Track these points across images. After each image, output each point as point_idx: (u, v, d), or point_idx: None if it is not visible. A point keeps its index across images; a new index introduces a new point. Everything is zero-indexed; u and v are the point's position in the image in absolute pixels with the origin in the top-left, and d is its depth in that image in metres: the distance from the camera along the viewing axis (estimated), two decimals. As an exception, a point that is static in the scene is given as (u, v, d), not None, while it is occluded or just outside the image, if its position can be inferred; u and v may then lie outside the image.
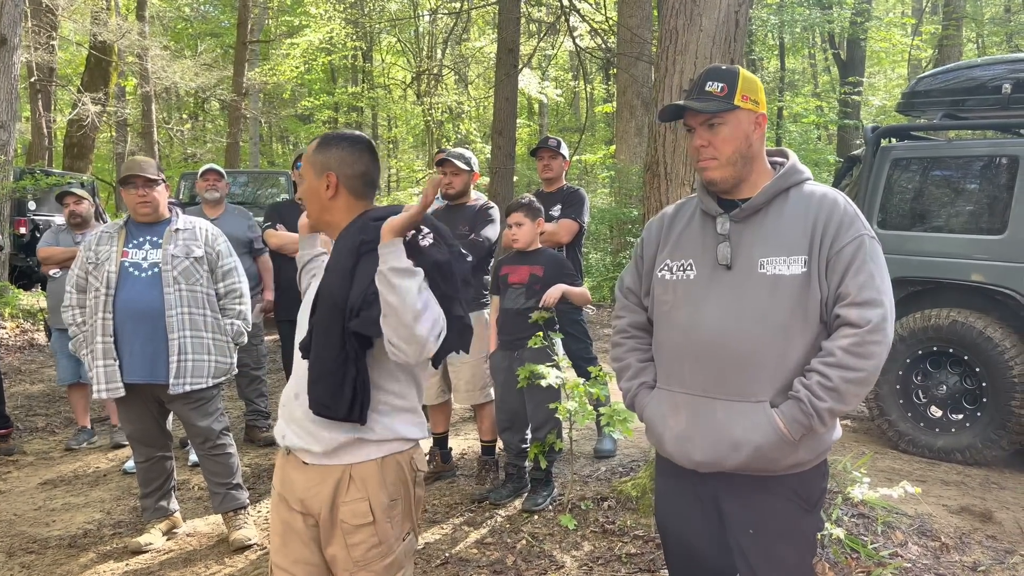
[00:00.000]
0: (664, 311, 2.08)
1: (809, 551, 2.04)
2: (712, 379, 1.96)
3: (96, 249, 3.66)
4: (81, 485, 4.81)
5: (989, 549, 3.51)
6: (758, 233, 1.96)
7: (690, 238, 2.07)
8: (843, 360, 1.83)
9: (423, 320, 1.86)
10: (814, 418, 1.85)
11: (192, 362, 3.64)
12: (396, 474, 2.07)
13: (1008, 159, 4.86)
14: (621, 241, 12.55)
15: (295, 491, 2.10)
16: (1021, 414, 4.61)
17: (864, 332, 1.83)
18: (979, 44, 21.62)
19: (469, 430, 5.54)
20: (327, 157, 2.12)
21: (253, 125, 21.79)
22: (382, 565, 2.07)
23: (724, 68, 2.03)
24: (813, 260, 1.89)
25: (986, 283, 4.78)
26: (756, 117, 2.00)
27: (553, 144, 4.89)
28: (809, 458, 1.96)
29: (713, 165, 1.99)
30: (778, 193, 1.99)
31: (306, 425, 2.05)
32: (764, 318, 1.90)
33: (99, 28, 14.31)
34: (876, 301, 1.85)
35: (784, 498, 1.97)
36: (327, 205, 2.12)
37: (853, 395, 1.86)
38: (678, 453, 2.04)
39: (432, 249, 1.97)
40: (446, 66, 20.57)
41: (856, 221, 1.92)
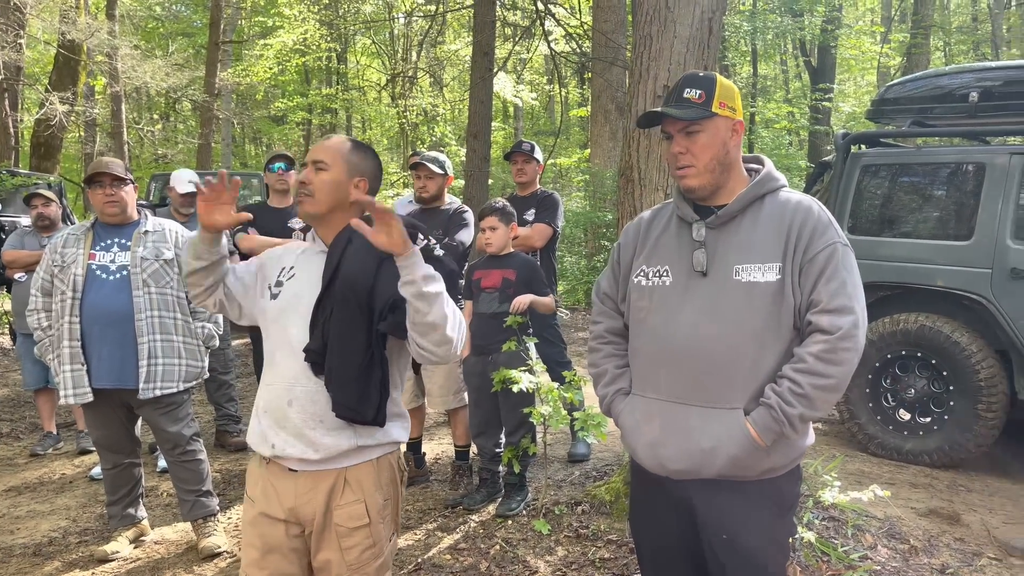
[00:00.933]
0: (640, 317, 2.08)
1: (783, 555, 2.05)
2: (686, 386, 1.96)
3: (62, 251, 3.59)
4: (47, 492, 4.72)
5: (957, 551, 3.56)
6: (733, 240, 1.97)
7: (666, 244, 2.08)
8: (814, 366, 1.85)
9: (451, 323, 1.92)
10: (785, 424, 1.86)
11: (162, 366, 3.59)
12: (389, 474, 2.12)
13: (975, 166, 4.94)
14: (595, 245, 12.58)
15: (283, 501, 2.07)
16: (987, 417, 4.68)
17: (835, 339, 1.84)
18: (946, 52, 22.01)
19: (443, 435, 5.52)
20: (365, 163, 2.17)
21: (225, 126, 21.57)
22: (375, 567, 2.09)
23: (701, 75, 2.03)
24: (787, 267, 1.90)
25: (953, 288, 4.85)
26: (733, 124, 2.01)
27: (527, 148, 4.89)
28: (782, 463, 1.97)
29: (691, 172, 2.00)
30: (753, 200, 2.00)
31: (303, 433, 2.03)
32: (739, 325, 1.91)
33: (68, 27, 14.08)
34: (847, 308, 1.86)
35: (758, 503, 1.98)
36: (344, 205, 2.13)
37: (823, 401, 1.88)
38: (651, 460, 2.05)
39: (447, 258, 2.07)
40: (421, 68, 20.52)
41: (829, 228, 1.93)
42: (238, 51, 22.68)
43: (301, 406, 2.03)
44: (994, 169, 4.81)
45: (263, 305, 2.20)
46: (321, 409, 2.03)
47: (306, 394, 2.04)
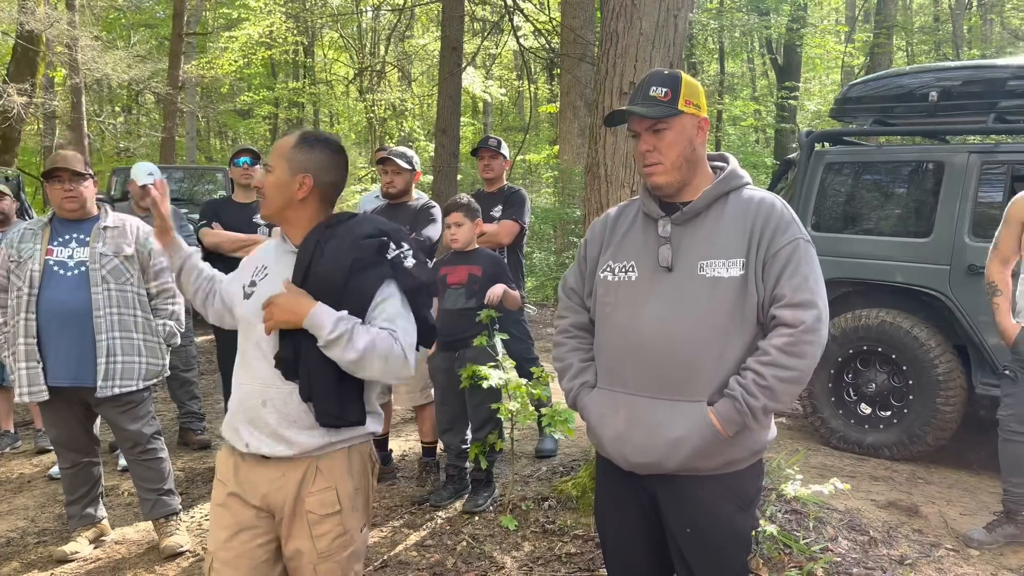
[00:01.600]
0: (606, 312, 2.10)
1: (744, 549, 2.08)
2: (652, 379, 1.99)
3: (19, 247, 3.51)
4: (4, 492, 4.62)
5: (915, 543, 3.63)
6: (698, 236, 1.99)
7: (632, 240, 2.10)
8: (777, 359, 1.88)
9: (365, 367, 1.99)
10: (748, 415, 1.89)
11: (121, 364, 3.53)
12: (360, 463, 2.15)
13: (934, 164, 5.03)
14: (564, 241, 12.61)
15: (256, 488, 2.10)
16: (946, 411, 4.77)
17: (799, 332, 1.88)
18: (908, 52, 22.37)
19: (409, 432, 5.50)
20: (308, 158, 2.13)
21: (190, 119, 21.23)
22: (345, 555, 2.11)
23: (667, 73, 2.05)
24: (750, 263, 1.93)
25: (913, 284, 4.94)
26: (698, 121, 2.04)
27: (493, 144, 4.87)
28: (744, 456, 2.00)
29: (659, 170, 2.01)
30: (718, 197, 2.02)
31: (278, 433, 2.06)
32: (703, 319, 1.93)
33: (26, 16, 13.75)
34: (810, 303, 1.90)
35: (720, 497, 2.01)
36: (294, 204, 2.13)
37: (786, 393, 1.91)
38: (616, 453, 2.07)
39: (418, 270, 2.09)
40: (389, 63, 20.37)
41: (792, 225, 1.97)
42: (202, 43, 22.32)
43: (275, 407, 2.06)
44: (953, 167, 4.90)
45: (238, 304, 2.23)
46: (294, 410, 2.06)
47: (280, 396, 2.06)
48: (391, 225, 2.18)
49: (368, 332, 1.98)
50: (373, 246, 2.06)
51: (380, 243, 2.07)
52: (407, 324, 2.07)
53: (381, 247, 2.07)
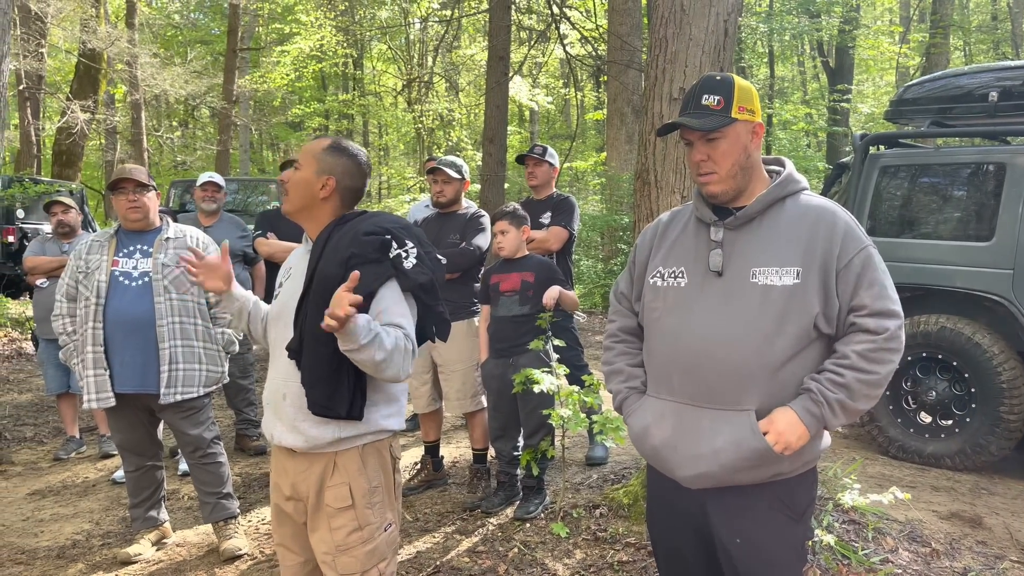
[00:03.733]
0: (654, 318, 2.08)
1: (798, 560, 2.03)
2: (699, 388, 1.96)
3: (86, 258, 3.65)
4: (70, 495, 4.78)
5: (979, 555, 3.53)
6: (752, 242, 1.96)
7: (683, 246, 2.07)
8: (857, 363, 1.86)
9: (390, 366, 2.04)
10: (825, 407, 1.86)
11: (183, 371, 3.63)
12: (376, 461, 2.21)
13: (995, 166, 4.90)
14: (612, 248, 12.58)
15: (288, 477, 2.24)
16: (1010, 419, 4.63)
17: (881, 339, 1.86)
18: (966, 52, 21.82)
19: (461, 438, 5.53)
20: (335, 162, 2.27)
21: (243, 132, 21.75)
22: (363, 551, 2.18)
23: (719, 79, 2.01)
24: (810, 273, 1.89)
25: (974, 289, 4.81)
26: (753, 127, 2.00)
27: (538, 152, 4.88)
28: (792, 468, 1.95)
29: (714, 180, 1.99)
30: (774, 202, 1.98)
31: (295, 425, 2.18)
32: (752, 328, 1.90)
33: (88, 35, 14.26)
34: (892, 312, 1.88)
35: (770, 507, 1.97)
36: (317, 203, 2.26)
37: (864, 395, 1.87)
38: (661, 463, 2.05)
39: (416, 271, 2.13)
40: (437, 73, 20.58)
41: (858, 233, 1.93)
42: (255, 58, 22.87)
43: (292, 401, 2.18)
44: (1015, 169, 4.76)
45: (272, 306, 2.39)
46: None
47: (297, 389, 2.17)
48: (397, 223, 2.22)
49: (391, 334, 2.06)
50: (373, 244, 2.11)
51: (381, 241, 2.12)
52: (410, 322, 2.14)
53: (382, 245, 2.12)
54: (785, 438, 1.87)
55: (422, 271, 2.14)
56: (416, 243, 2.19)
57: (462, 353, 4.31)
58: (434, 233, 4.37)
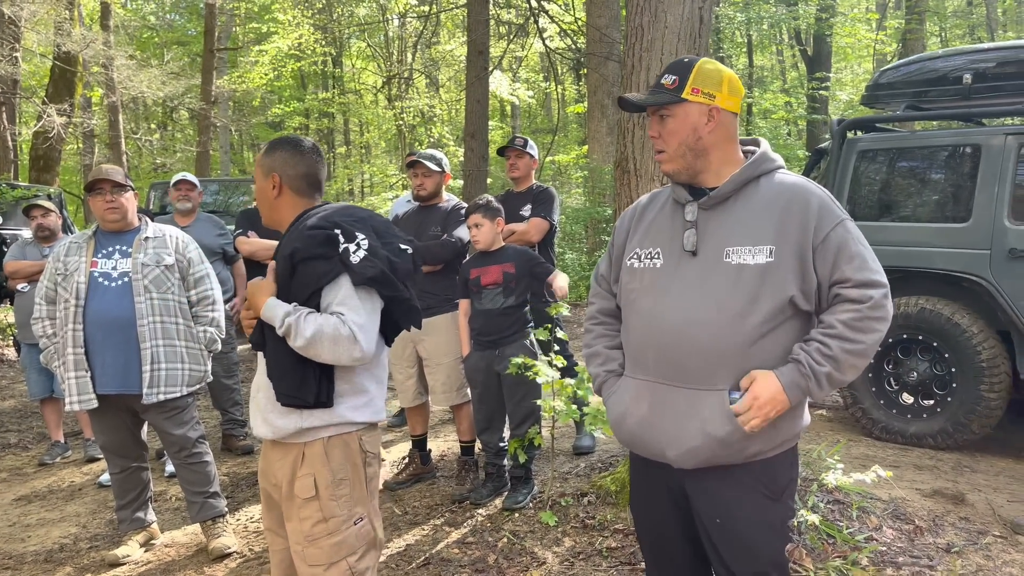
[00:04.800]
0: (631, 299, 2.10)
1: (779, 540, 2.04)
2: (674, 367, 1.98)
3: (65, 260, 3.62)
4: (56, 500, 4.75)
5: (962, 531, 3.57)
6: (726, 222, 1.97)
7: (660, 227, 2.09)
8: (843, 332, 1.87)
9: (319, 351, 2.08)
10: (811, 380, 1.87)
11: (166, 371, 3.61)
12: (342, 453, 2.22)
13: (971, 148, 4.95)
14: (596, 240, 12.60)
15: (271, 465, 2.30)
16: (990, 398, 4.69)
17: (866, 308, 1.87)
18: (942, 37, 22.00)
19: (448, 431, 5.54)
20: (272, 159, 2.32)
21: (223, 133, 21.61)
22: (329, 543, 2.19)
23: (685, 60, 2.03)
24: (783, 250, 1.90)
25: (952, 270, 4.86)
26: (709, 110, 1.99)
27: (519, 143, 4.89)
28: (769, 447, 1.97)
29: (663, 158, 2.04)
30: (747, 181, 2.00)
31: (266, 416, 2.24)
32: (725, 307, 1.91)
33: (63, 39, 14.11)
34: (875, 282, 1.89)
35: (749, 487, 1.98)
36: (273, 204, 2.33)
37: (850, 366, 1.89)
38: (638, 442, 2.08)
39: (364, 265, 2.12)
40: (417, 70, 20.52)
41: (832, 207, 1.94)
42: (233, 58, 22.72)
43: (264, 393, 2.25)
44: (990, 150, 4.81)
45: None
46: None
47: (268, 382, 2.23)
48: (351, 216, 2.22)
49: (316, 320, 2.09)
50: (318, 238, 2.12)
51: (327, 236, 2.13)
52: (358, 306, 2.12)
53: (328, 240, 2.12)
54: (759, 404, 1.87)
55: (370, 264, 2.12)
56: (370, 235, 2.18)
57: (447, 346, 4.32)
58: (415, 226, 4.38)
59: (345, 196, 25.58)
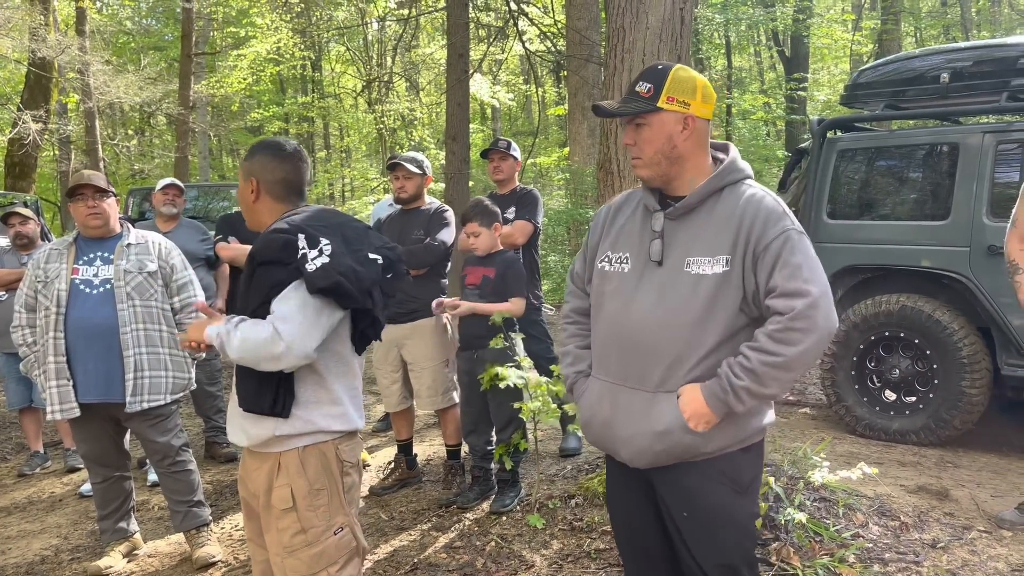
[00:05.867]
0: (600, 302, 2.15)
1: (746, 536, 2.09)
2: (632, 370, 2.04)
3: (45, 267, 3.57)
4: (36, 511, 4.68)
5: (947, 526, 3.60)
6: (689, 232, 2.02)
7: (630, 232, 2.14)
8: (764, 344, 1.90)
9: (255, 358, 2.06)
10: (730, 394, 1.91)
11: (149, 379, 3.57)
12: (318, 463, 2.19)
13: (948, 146, 5.00)
14: (578, 242, 12.60)
15: (248, 474, 2.28)
16: (972, 394, 4.74)
17: (787, 319, 1.89)
18: (917, 37, 22.23)
19: (433, 436, 5.52)
20: (251, 163, 2.31)
21: (202, 139, 21.44)
22: (308, 554, 2.17)
23: (659, 68, 2.05)
24: (736, 259, 1.95)
25: (932, 268, 4.91)
26: (684, 118, 2.01)
27: (503, 146, 4.89)
28: (729, 443, 2.01)
29: (638, 164, 2.06)
30: (712, 193, 2.03)
31: (240, 423, 2.22)
32: (682, 314, 1.97)
33: (38, 44, 13.94)
34: (801, 291, 1.89)
35: (713, 480, 2.03)
36: (252, 208, 2.32)
37: (772, 378, 1.90)
38: (603, 442, 2.14)
39: (318, 275, 2.05)
40: (397, 73, 20.48)
41: (783, 218, 1.97)
42: (211, 63, 22.53)
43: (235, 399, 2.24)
44: (967, 149, 4.87)
45: None
46: None
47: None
48: (320, 222, 2.18)
49: (245, 328, 2.08)
50: (276, 243, 2.10)
51: (285, 241, 2.09)
52: (291, 310, 2.05)
53: (286, 245, 2.08)
54: (688, 415, 1.96)
55: (325, 275, 2.04)
56: (337, 242, 2.11)
57: (431, 350, 4.30)
58: (398, 230, 4.36)
59: (326, 200, 25.45)
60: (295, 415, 2.15)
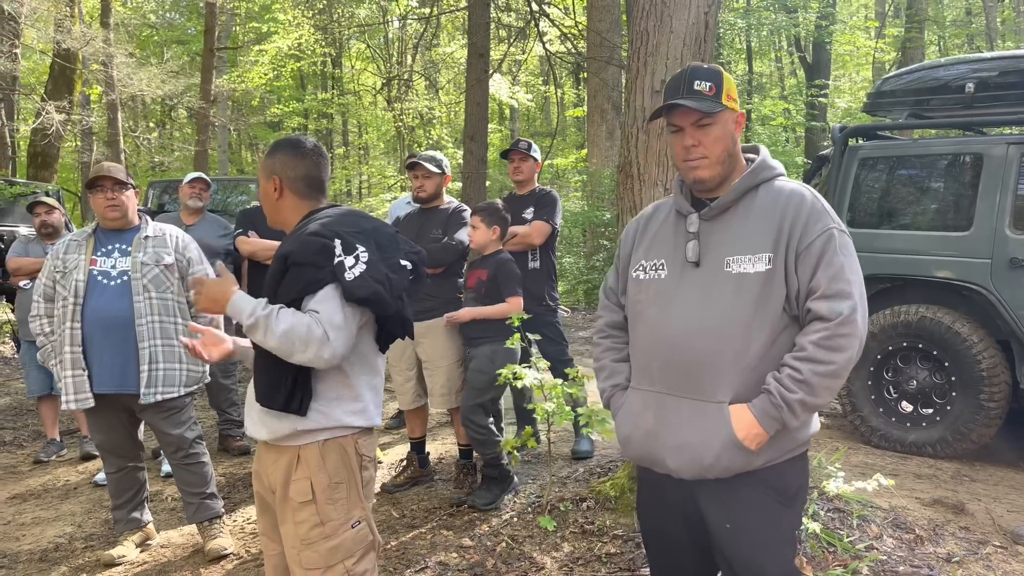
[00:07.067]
0: (637, 311, 2.11)
1: (788, 547, 2.04)
2: (677, 377, 1.99)
3: (64, 257, 3.60)
4: (51, 498, 4.72)
5: (963, 540, 3.56)
6: (727, 231, 1.99)
7: (663, 238, 2.10)
8: (814, 354, 1.86)
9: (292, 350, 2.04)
10: (784, 409, 1.87)
11: (163, 371, 3.59)
12: (338, 457, 2.20)
13: (972, 157, 4.95)
14: (594, 244, 12.59)
15: (264, 468, 2.27)
16: (990, 407, 4.69)
17: (834, 325, 1.85)
18: (941, 46, 22.05)
19: (446, 434, 5.52)
20: (273, 161, 2.30)
21: (222, 133, 21.57)
22: (326, 547, 2.17)
23: (707, 67, 2.03)
24: (778, 257, 1.91)
25: (953, 279, 4.86)
26: (736, 116, 2.04)
27: (524, 146, 4.89)
28: (778, 454, 1.97)
29: (704, 164, 2.00)
30: (747, 190, 2.01)
31: (261, 417, 2.21)
32: (727, 316, 1.92)
33: (63, 35, 14.07)
34: (845, 293, 1.87)
35: (759, 491, 1.98)
36: (276, 206, 2.31)
37: (824, 388, 1.87)
38: (645, 455, 2.07)
39: (357, 284, 2.07)
40: (416, 72, 20.51)
41: (824, 215, 1.94)
42: (233, 57, 22.70)
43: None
44: (992, 159, 4.82)
45: None
46: None
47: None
48: (355, 227, 2.17)
49: (288, 318, 2.05)
50: (314, 246, 2.08)
51: (323, 245, 2.08)
52: (337, 307, 2.07)
53: (323, 249, 2.08)
54: (741, 436, 1.91)
55: (364, 284, 2.06)
56: (371, 249, 2.13)
57: (446, 349, 4.30)
58: (416, 229, 4.36)
59: (343, 197, 25.56)
60: (317, 410, 2.15)
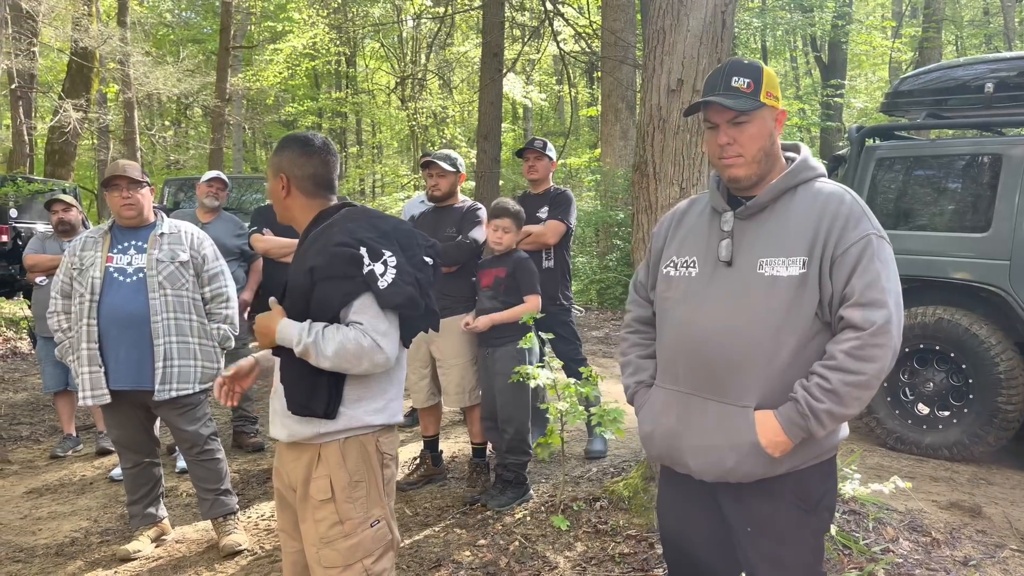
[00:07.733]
0: (666, 307, 2.07)
1: (813, 553, 1.99)
2: (703, 378, 1.95)
3: (80, 254, 3.63)
4: (67, 493, 4.75)
5: (979, 544, 3.53)
6: (760, 232, 1.93)
7: (696, 235, 2.06)
8: (843, 363, 1.80)
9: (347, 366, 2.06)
10: (810, 419, 1.81)
11: (178, 368, 3.61)
12: (358, 455, 2.19)
13: (991, 157, 4.90)
14: (607, 244, 12.56)
15: (284, 466, 2.28)
16: (1008, 410, 4.64)
17: (867, 335, 1.79)
18: (958, 46, 21.89)
19: (460, 433, 5.52)
20: (280, 159, 2.28)
21: (236, 131, 21.69)
22: (345, 545, 2.17)
23: (747, 63, 1.98)
24: (814, 261, 1.85)
25: (971, 280, 4.82)
26: (776, 114, 1.99)
27: (539, 145, 4.88)
28: (802, 460, 1.92)
29: (739, 162, 1.95)
30: (785, 191, 1.95)
31: (282, 420, 2.22)
32: (758, 319, 1.88)
33: (80, 34, 14.19)
34: (880, 302, 1.81)
35: (781, 496, 1.94)
36: (284, 204, 2.30)
37: (854, 398, 1.81)
38: (665, 452, 2.04)
39: (391, 292, 2.07)
40: (430, 71, 20.56)
41: (864, 219, 1.88)
42: (248, 56, 22.81)
43: (280, 396, 2.22)
44: (1011, 160, 4.77)
45: None
46: None
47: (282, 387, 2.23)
48: (375, 231, 2.15)
49: (335, 336, 2.05)
50: (343, 257, 2.06)
51: (352, 255, 2.06)
52: (379, 314, 2.09)
53: (353, 259, 2.06)
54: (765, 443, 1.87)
55: (398, 291, 2.07)
56: (396, 250, 2.12)
57: (460, 347, 4.30)
58: (430, 227, 4.36)
59: (356, 196, 25.63)
60: (340, 412, 2.14)
